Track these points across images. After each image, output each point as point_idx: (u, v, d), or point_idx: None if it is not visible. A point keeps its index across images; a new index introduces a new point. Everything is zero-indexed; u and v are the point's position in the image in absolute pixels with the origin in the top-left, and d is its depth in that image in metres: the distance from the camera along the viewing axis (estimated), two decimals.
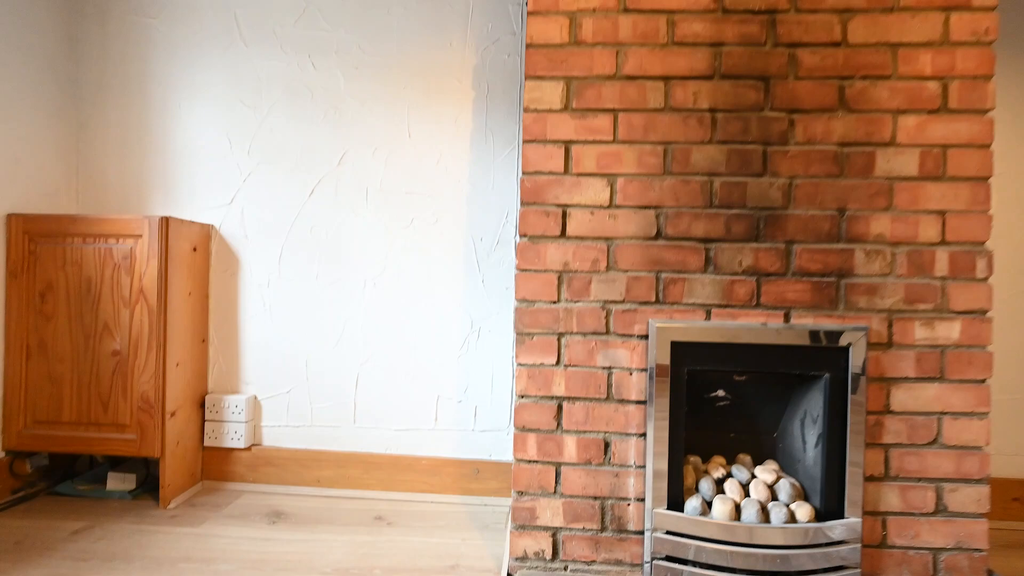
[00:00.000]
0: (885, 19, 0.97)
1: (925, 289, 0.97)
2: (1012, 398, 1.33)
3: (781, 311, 0.98)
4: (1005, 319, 1.32)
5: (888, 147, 0.97)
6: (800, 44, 0.98)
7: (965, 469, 0.97)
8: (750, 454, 1.10)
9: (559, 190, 1.01)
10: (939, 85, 0.97)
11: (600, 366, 1.01)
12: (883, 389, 0.97)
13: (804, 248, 0.98)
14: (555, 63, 1.00)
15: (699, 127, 0.99)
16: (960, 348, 0.97)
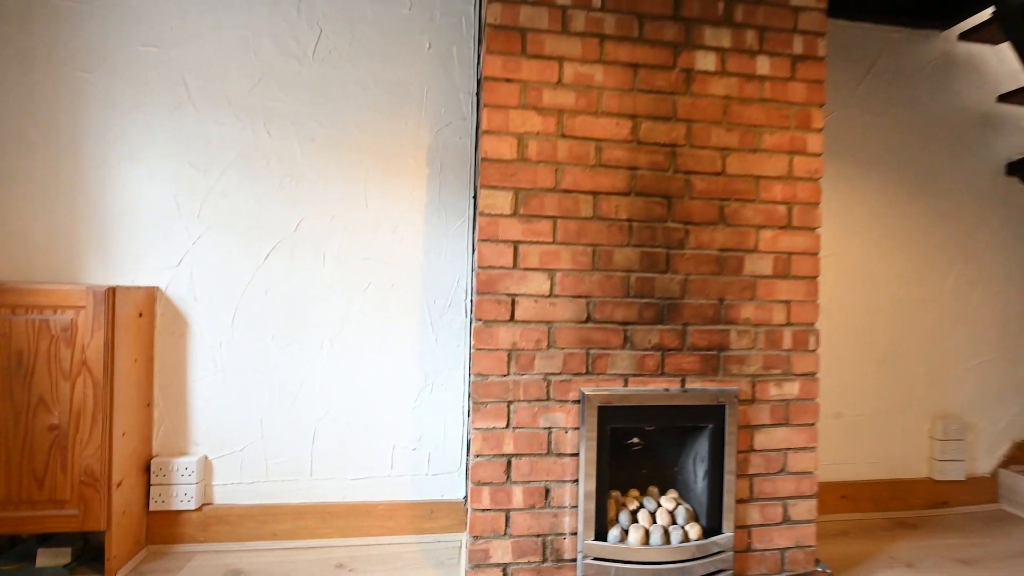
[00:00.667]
0: (751, 157, 1.29)
1: (777, 359, 1.31)
2: (842, 422, 1.78)
3: (679, 378, 1.27)
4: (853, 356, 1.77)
5: (753, 253, 1.30)
6: (693, 172, 1.27)
7: (802, 489, 1.33)
8: (658, 486, 1.38)
9: (509, 282, 1.20)
10: (786, 208, 1.31)
11: (542, 427, 1.22)
12: (749, 434, 1.30)
13: (695, 329, 1.27)
14: (506, 176, 1.20)
15: (619, 233, 1.24)
16: (799, 401, 1.32)
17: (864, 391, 1.81)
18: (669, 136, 1.26)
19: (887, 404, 1.83)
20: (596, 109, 1.23)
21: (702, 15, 1.27)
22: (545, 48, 1.21)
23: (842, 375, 1.79)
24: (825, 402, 1.75)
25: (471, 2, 1.57)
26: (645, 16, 1.24)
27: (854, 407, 1.80)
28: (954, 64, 1.86)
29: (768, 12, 1.29)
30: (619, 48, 1.24)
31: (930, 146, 1.86)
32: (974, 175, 1.89)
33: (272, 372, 1.49)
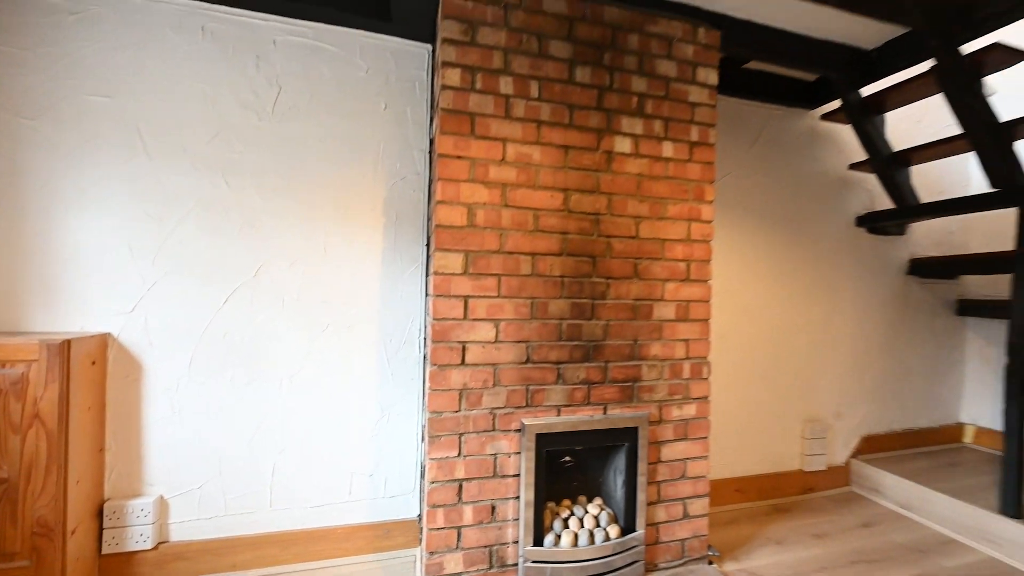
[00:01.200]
0: (659, 224, 1.58)
1: (678, 386, 1.62)
2: (735, 427, 2.16)
3: (602, 406, 1.53)
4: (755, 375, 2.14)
5: (660, 301, 1.59)
6: (613, 236, 1.54)
7: (698, 490, 1.65)
8: (586, 496, 1.64)
9: (460, 331, 1.39)
10: (686, 265, 1.62)
11: (489, 453, 1.43)
12: (657, 448, 1.60)
13: (615, 365, 1.54)
14: (457, 240, 1.38)
15: (554, 287, 1.48)
16: (695, 420, 1.64)
17: (752, 402, 2.21)
18: (594, 206, 1.51)
19: (769, 412, 2.25)
20: (534, 183, 1.45)
21: (620, 107, 1.54)
22: (491, 130, 1.41)
23: (736, 390, 2.17)
24: (727, 412, 2.12)
25: (423, 69, 1.73)
26: (575, 106, 1.49)
27: (746, 416, 2.20)
28: (819, 137, 2.32)
29: (672, 106, 1.59)
30: (553, 132, 1.47)
31: (801, 201, 2.30)
32: (833, 226, 2.36)
33: (231, 411, 1.57)
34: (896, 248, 2.50)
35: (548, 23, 1.46)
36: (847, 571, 1.70)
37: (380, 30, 1.66)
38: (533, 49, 1.45)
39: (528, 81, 1.44)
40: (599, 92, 1.52)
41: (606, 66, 1.52)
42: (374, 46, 1.68)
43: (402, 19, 1.61)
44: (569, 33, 1.48)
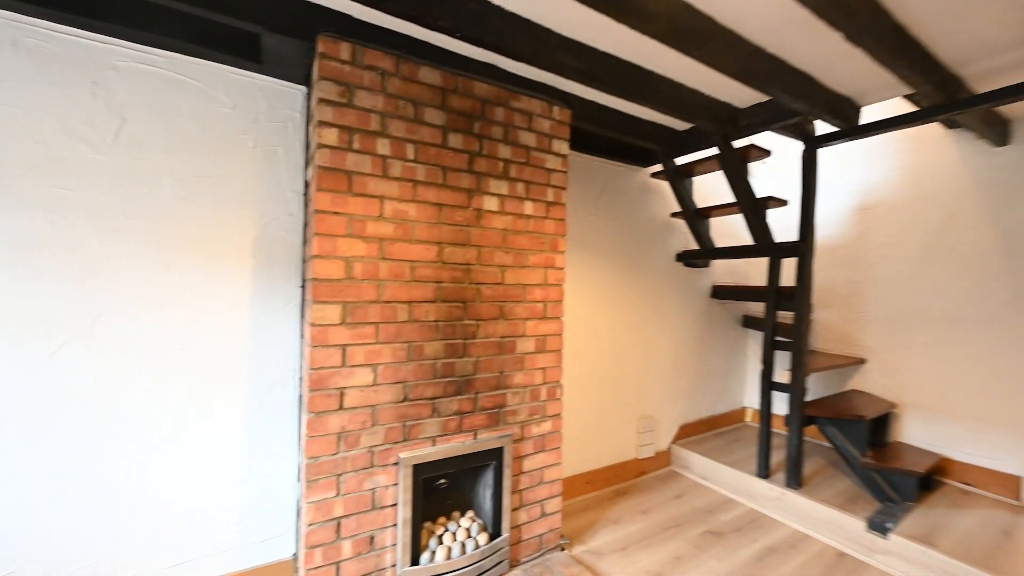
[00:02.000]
0: (521, 271, 1.86)
1: (537, 407, 1.92)
2: (587, 429, 2.59)
3: (472, 432, 1.75)
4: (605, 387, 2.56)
5: (522, 337, 1.87)
6: (482, 283, 1.76)
7: (552, 491, 1.98)
8: (459, 511, 1.85)
9: (338, 378, 1.47)
10: (543, 305, 1.93)
11: (367, 488, 1.54)
12: (520, 462, 1.88)
13: (484, 395, 1.77)
14: (335, 292, 1.46)
15: (429, 331, 1.64)
16: (551, 434, 1.97)
17: (600, 407, 2.67)
18: (465, 257, 1.71)
19: (613, 413, 2.73)
20: (411, 237, 1.59)
21: (489, 170, 1.76)
22: (369, 188, 1.51)
23: (588, 398, 2.60)
24: (581, 417, 2.52)
25: (297, 109, 1.73)
26: (448, 168, 1.67)
27: (596, 418, 2.64)
28: (649, 190, 2.88)
29: (532, 171, 1.87)
30: (428, 191, 1.63)
31: (638, 241, 2.83)
32: (659, 260, 2.95)
33: (64, 476, 1.39)
34: (703, 278, 3.22)
35: (423, 92, 1.61)
36: (661, 536, 2.21)
37: (249, 68, 1.62)
38: (409, 115, 1.58)
39: (405, 144, 1.57)
40: (470, 156, 1.72)
41: (476, 134, 1.73)
42: (241, 83, 1.63)
43: (274, 61, 1.59)
44: (443, 102, 1.65)
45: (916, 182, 2.70)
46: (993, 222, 2.41)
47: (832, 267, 3.08)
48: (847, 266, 3.01)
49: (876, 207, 2.88)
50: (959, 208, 2.53)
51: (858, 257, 2.96)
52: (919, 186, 2.69)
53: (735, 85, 1.93)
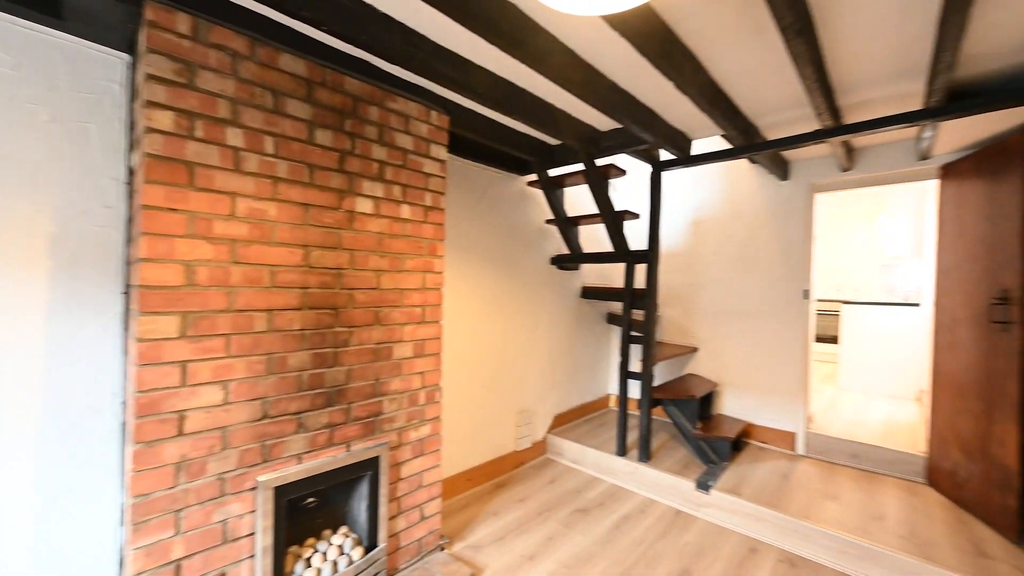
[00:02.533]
0: (398, 276, 1.82)
1: (416, 412, 1.91)
2: (467, 427, 2.65)
3: (345, 444, 1.67)
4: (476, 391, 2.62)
5: (399, 343, 1.84)
6: (356, 288, 1.68)
7: (432, 494, 2.00)
8: (332, 528, 1.75)
9: (176, 400, 1.28)
10: (421, 310, 1.92)
11: (217, 521, 1.36)
12: (398, 469, 1.85)
13: (358, 405, 1.70)
14: (171, 301, 1.26)
15: (293, 341, 1.52)
16: (430, 437, 1.98)
17: (483, 405, 2.76)
18: (336, 262, 1.62)
19: (493, 409, 2.85)
20: (270, 239, 1.45)
21: (362, 171, 1.69)
22: (216, 183, 1.33)
23: (470, 396, 2.66)
24: (463, 416, 2.56)
25: (116, 81, 1.44)
26: (315, 166, 1.56)
27: (477, 416, 2.72)
28: (527, 197, 3.06)
29: (409, 175, 1.85)
30: (292, 189, 1.50)
31: (516, 245, 2.99)
32: (536, 263, 3.16)
33: None
34: (574, 279, 3.54)
35: (285, 81, 1.47)
36: (536, 520, 2.38)
37: (42, 22, 1.29)
38: (268, 104, 1.44)
39: (262, 136, 1.43)
40: (341, 155, 1.63)
41: (348, 132, 1.65)
42: (31, 39, 1.30)
43: (80, 19, 1.30)
44: (308, 95, 1.53)
45: (731, 204, 3.35)
46: (779, 238, 3.12)
47: (674, 271, 3.65)
48: (684, 271, 3.59)
49: (705, 222, 3.49)
50: (758, 226, 3.21)
51: (692, 263, 3.55)
52: (733, 207, 3.34)
53: (596, 112, 2.16)
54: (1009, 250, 2.06)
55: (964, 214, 2.39)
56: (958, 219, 2.44)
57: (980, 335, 2.23)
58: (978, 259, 2.26)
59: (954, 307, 2.44)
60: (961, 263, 2.39)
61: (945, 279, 2.54)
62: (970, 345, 2.30)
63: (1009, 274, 2.06)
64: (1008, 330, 2.05)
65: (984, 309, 2.19)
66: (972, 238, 2.32)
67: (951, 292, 2.47)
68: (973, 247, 2.30)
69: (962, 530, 2.13)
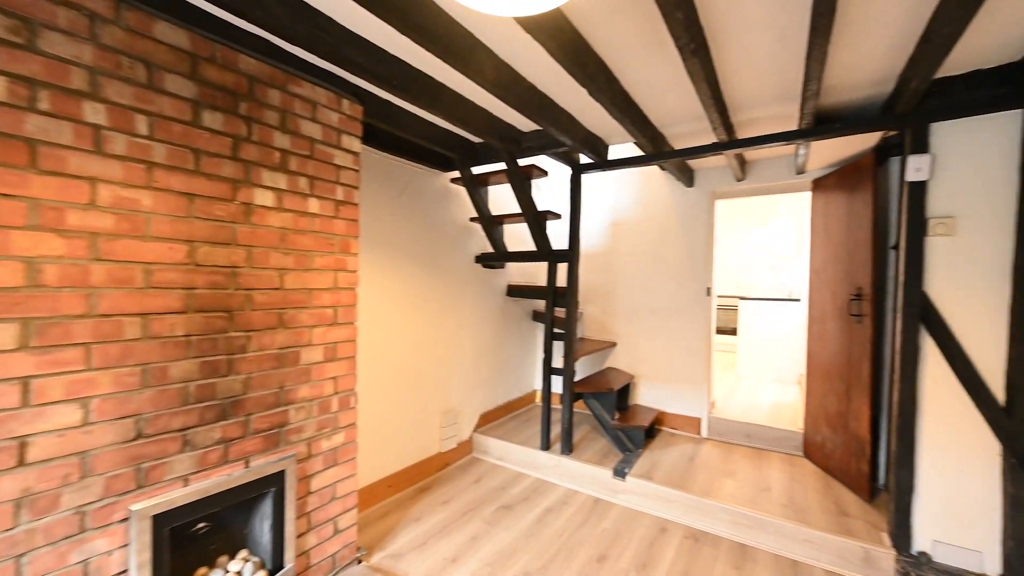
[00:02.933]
0: (306, 275, 1.70)
1: (328, 420, 1.79)
2: (387, 431, 2.55)
3: (243, 460, 1.52)
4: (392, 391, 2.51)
5: (308, 347, 1.71)
6: (255, 289, 1.53)
7: (347, 505, 1.89)
8: (228, 554, 1.58)
9: (15, 424, 1.07)
10: (333, 310, 1.80)
11: (76, 563, 1.17)
12: (307, 482, 1.72)
13: (258, 416, 1.56)
14: (8, 306, 1.05)
15: (177, 349, 1.34)
16: (345, 445, 1.87)
17: (405, 408, 2.67)
18: (230, 259, 1.46)
19: (416, 411, 2.77)
20: (144, 233, 1.27)
21: (262, 160, 1.54)
22: (69, 166, 1.13)
23: (390, 399, 2.57)
24: (383, 420, 2.45)
25: None
26: (202, 152, 1.39)
27: (398, 419, 2.63)
28: (450, 194, 3.01)
29: (317, 166, 1.73)
30: (172, 177, 1.32)
31: (440, 241, 2.93)
32: (460, 261, 3.13)
33: None
34: (500, 278, 3.56)
35: (162, 53, 1.29)
36: (459, 521, 2.36)
37: None
38: (140, 78, 1.25)
39: (133, 114, 1.24)
40: (235, 141, 1.47)
41: (243, 116, 1.49)
42: None
43: None
44: (193, 71, 1.36)
45: (645, 208, 3.58)
46: (685, 240, 3.39)
47: (595, 271, 3.82)
48: (604, 270, 3.77)
49: (623, 224, 3.69)
50: (668, 228, 3.46)
51: (611, 263, 3.74)
52: (646, 211, 3.57)
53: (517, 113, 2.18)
54: (862, 254, 2.43)
55: (830, 222, 2.77)
56: (826, 226, 2.82)
57: (842, 326, 2.60)
58: (840, 261, 2.64)
59: (823, 302, 2.82)
60: (828, 264, 2.77)
61: (816, 278, 2.93)
62: (835, 335, 2.67)
63: (862, 274, 2.42)
64: (862, 322, 2.42)
65: (845, 304, 2.56)
66: (836, 243, 2.69)
67: (821, 289, 2.86)
68: (837, 250, 2.68)
69: (829, 494, 2.47)
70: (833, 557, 2.01)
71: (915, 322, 1.90)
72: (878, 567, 1.93)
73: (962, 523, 1.83)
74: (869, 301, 2.36)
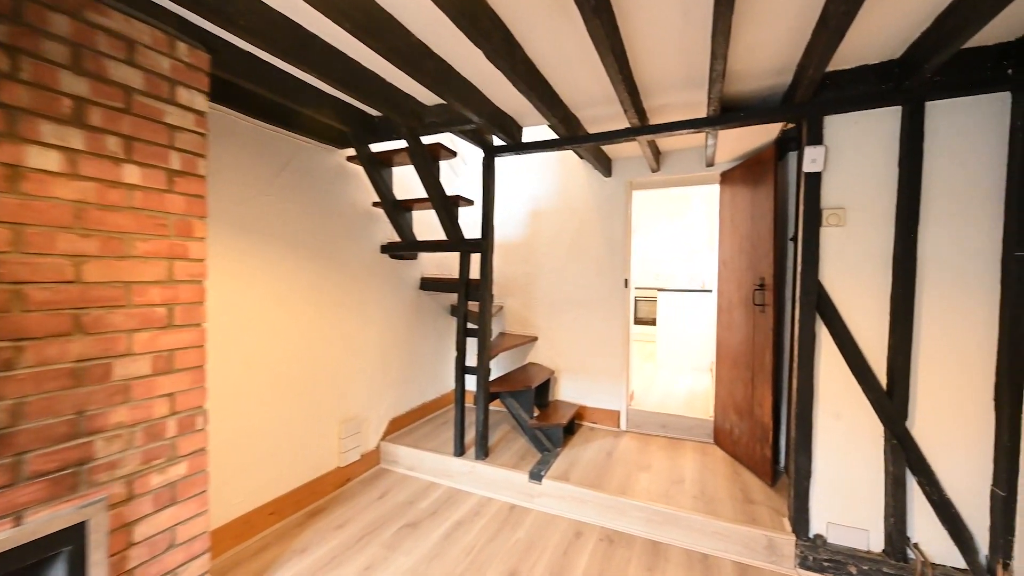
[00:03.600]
0: (120, 263, 1.31)
1: (160, 449, 1.42)
2: (265, 451, 2.17)
3: (13, 516, 1.11)
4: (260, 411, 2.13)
5: (125, 357, 1.32)
6: (29, 282, 1.13)
7: (193, 551, 1.52)
8: None
9: None
10: (167, 310, 1.43)
11: None
12: (127, 532, 1.34)
13: (40, 454, 1.16)
14: None
15: None
16: (188, 477, 1.50)
17: (290, 419, 2.30)
18: None
19: (307, 423, 2.41)
20: None
21: (39, 108, 1.13)
22: None
23: (270, 412, 2.19)
24: (261, 437, 2.08)
25: None
26: None
27: (283, 434, 2.25)
28: (348, 174, 2.66)
29: (137, 124, 1.33)
30: None
31: (335, 228, 2.58)
32: (363, 252, 2.79)
33: None
34: (411, 269, 3.26)
35: None
36: (354, 548, 2.06)
37: None
38: None
39: None
40: None
41: (3, 43, 1.08)
42: None
43: None
44: None
45: (564, 197, 3.47)
46: (604, 231, 3.33)
47: (516, 261, 3.65)
48: (524, 261, 3.62)
49: (542, 213, 3.56)
50: (588, 219, 3.38)
51: (531, 253, 3.60)
52: (566, 200, 3.46)
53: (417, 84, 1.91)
54: (765, 245, 2.48)
55: (736, 214, 2.83)
56: (732, 218, 2.88)
57: (747, 316, 2.66)
58: (745, 252, 2.69)
59: (730, 292, 2.89)
60: (735, 255, 2.83)
61: (724, 268, 2.99)
62: (741, 324, 2.73)
63: (765, 265, 2.48)
64: (765, 311, 2.47)
65: (750, 294, 2.62)
66: (742, 234, 2.75)
67: (728, 280, 2.92)
68: (742, 242, 2.74)
69: (736, 480, 2.51)
70: (740, 548, 2.01)
71: (811, 311, 1.94)
72: (781, 553, 1.96)
73: (852, 504, 1.90)
74: (771, 291, 2.42)
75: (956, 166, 1.76)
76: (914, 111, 1.79)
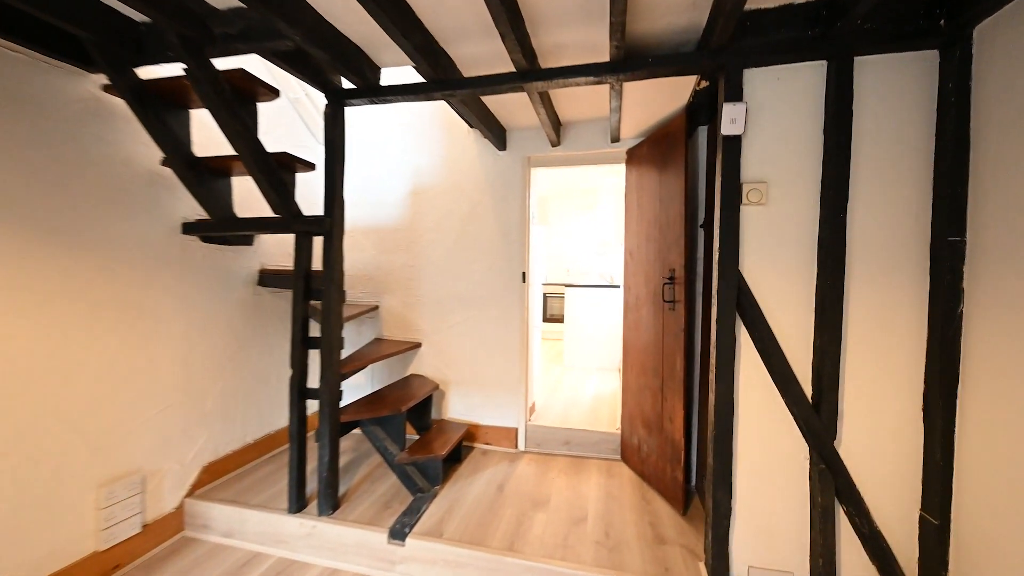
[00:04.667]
0: None
1: None
2: None
3: None
4: None
5: None
6: None
7: None
8: None
9: None
10: None
11: None
12: None
13: None
14: None
15: None
16: None
17: None
18: None
19: (28, 502, 1.52)
20: None
21: None
22: None
23: None
24: None
25: None
26: None
27: None
28: (111, 114, 1.78)
29: None
30: None
31: (92, 195, 1.70)
32: (148, 231, 1.92)
33: None
34: (243, 259, 2.43)
35: None
36: None
37: None
38: None
39: None
40: None
41: None
42: None
43: None
44: None
45: (452, 173, 2.87)
46: (499, 215, 2.79)
47: (393, 250, 2.97)
48: (405, 250, 2.95)
49: (425, 192, 2.92)
50: (479, 200, 2.82)
51: (413, 241, 2.94)
52: (453, 178, 2.86)
53: None
54: (675, 231, 2.11)
55: (643, 196, 2.46)
56: (639, 202, 2.51)
57: (656, 314, 2.29)
58: (653, 239, 2.32)
59: (637, 287, 2.51)
60: (642, 244, 2.46)
61: (631, 260, 2.62)
62: (650, 323, 2.36)
63: (675, 254, 2.11)
64: (675, 309, 2.11)
65: (659, 289, 2.25)
66: (649, 220, 2.38)
67: (636, 273, 2.55)
68: (650, 228, 2.37)
69: (646, 510, 2.12)
70: None
71: (732, 309, 1.56)
72: None
73: (776, 543, 1.56)
74: (682, 285, 2.05)
75: (887, 133, 1.48)
76: (841, 67, 1.49)
